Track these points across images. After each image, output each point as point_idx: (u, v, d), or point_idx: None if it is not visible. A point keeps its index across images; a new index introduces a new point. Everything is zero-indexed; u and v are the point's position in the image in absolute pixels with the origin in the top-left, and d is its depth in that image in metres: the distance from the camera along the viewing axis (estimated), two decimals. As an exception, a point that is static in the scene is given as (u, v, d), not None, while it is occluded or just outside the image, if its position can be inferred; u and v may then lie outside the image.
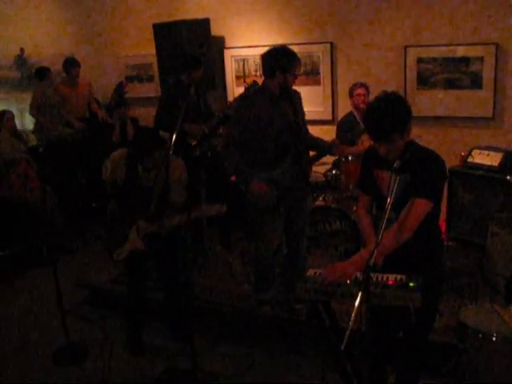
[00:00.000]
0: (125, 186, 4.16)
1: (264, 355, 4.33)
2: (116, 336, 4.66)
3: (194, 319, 3.97)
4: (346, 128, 5.58)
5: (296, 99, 4.31)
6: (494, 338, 3.22)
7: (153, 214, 4.16)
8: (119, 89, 6.85)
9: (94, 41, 7.96)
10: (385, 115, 2.80)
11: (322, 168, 5.54)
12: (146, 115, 7.17)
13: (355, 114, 5.63)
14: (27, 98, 8.08)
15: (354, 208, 5.17)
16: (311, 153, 4.53)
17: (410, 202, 2.88)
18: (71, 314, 4.94)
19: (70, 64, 7.27)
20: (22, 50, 8.54)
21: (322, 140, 4.53)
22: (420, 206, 2.87)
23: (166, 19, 6.76)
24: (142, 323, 4.58)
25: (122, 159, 4.17)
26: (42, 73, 7.42)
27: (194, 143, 5.43)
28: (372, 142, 3.03)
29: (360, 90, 5.62)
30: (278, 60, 4.06)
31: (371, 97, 5.32)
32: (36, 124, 7.54)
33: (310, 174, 4.51)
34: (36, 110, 7.29)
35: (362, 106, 5.47)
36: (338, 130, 5.73)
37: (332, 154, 4.80)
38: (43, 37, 8.33)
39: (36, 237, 6.25)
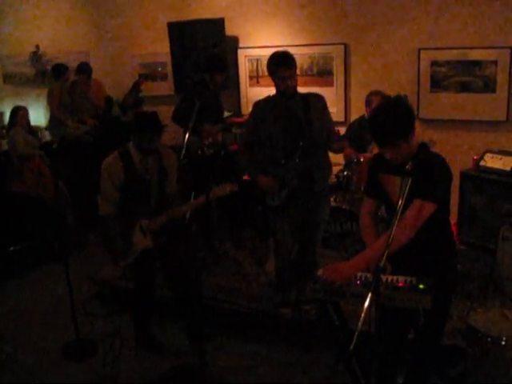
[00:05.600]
0: (125, 185, 4.15)
1: (272, 354, 4.34)
2: (125, 332, 4.68)
3: (203, 318, 4.00)
4: (356, 131, 5.54)
5: (309, 103, 4.32)
6: (503, 343, 3.22)
7: (154, 209, 4.19)
8: (135, 87, 6.87)
9: (108, 38, 8.00)
10: (387, 122, 2.85)
11: (333, 169, 5.54)
12: (159, 113, 7.21)
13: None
14: (41, 94, 8.16)
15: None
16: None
17: (411, 204, 2.88)
18: (81, 309, 4.97)
19: (79, 72, 7.41)
20: (37, 46, 8.58)
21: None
22: (421, 208, 2.86)
23: (180, 18, 6.80)
24: (148, 319, 4.56)
25: (117, 161, 4.16)
26: (59, 71, 7.50)
27: (206, 142, 5.47)
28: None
29: (378, 102, 5.47)
30: (268, 64, 4.29)
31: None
32: (52, 121, 7.60)
33: (323, 180, 4.50)
34: (57, 108, 7.37)
35: None
36: (347, 131, 5.72)
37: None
38: (58, 34, 8.38)
39: (48, 232, 6.30)
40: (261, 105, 4.45)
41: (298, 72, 4.30)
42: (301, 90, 4.35)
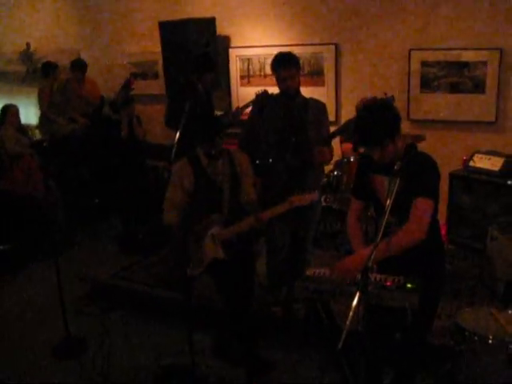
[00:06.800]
0: (196, 191, 4.01)
1: (262, 353, 4.32)
2: (115, 330, 4.69)
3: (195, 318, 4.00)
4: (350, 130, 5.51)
5: (308, 105, 4.36)
6: (490, 341, 3.25)
7: (227, 217, 3.99)
8: (126, 86, 6.86)
9: (99, 37, 7.99)
10: (374, 124, 2.91)
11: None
12: (150, 112, 7.21)
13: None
14: (32, 92, 8.12)
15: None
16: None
17: (413, 204, 2.92)
18: (71, 308, 4.95)
19: (74, 68, 7.40)
20: (27, 44, 8.55)
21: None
22: (424, 205, 2.91)
23: (171, 17, 6.78)
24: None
25: (186, 165, 4.04)
26: (49, 69, 7.46)
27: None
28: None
29: None
30: (270, 64, 4.37)
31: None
32: (42, 119, 7.57)
33: (315, 181, 4.54)
34: (47, 106, 7.35)
35: None
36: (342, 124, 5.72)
37: None
38: (49, 32, 8.36)
39: (38, 231, 6.28)
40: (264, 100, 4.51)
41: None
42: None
